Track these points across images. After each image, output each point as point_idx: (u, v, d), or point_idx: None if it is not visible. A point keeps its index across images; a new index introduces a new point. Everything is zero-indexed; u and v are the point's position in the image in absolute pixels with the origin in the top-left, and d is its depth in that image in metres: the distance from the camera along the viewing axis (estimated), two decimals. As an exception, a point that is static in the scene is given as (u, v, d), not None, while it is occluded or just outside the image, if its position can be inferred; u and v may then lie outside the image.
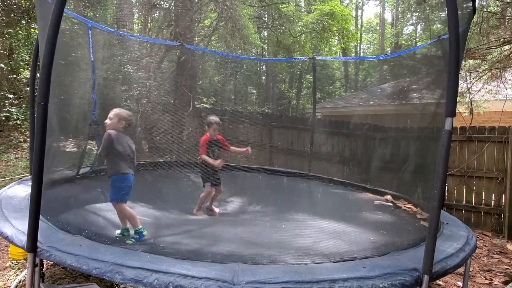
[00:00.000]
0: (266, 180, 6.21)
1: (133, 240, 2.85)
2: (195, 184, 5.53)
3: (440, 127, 2.01)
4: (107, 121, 3.10)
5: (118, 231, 3.08)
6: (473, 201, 6.42)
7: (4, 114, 10.10)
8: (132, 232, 3.01)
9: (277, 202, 4.57)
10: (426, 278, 2.03)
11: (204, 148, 4.33)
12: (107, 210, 3.45)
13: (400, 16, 28.42)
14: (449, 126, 1.95)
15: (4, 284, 3.44)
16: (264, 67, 17.31)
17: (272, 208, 4.13)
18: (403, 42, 26.84)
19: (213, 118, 4.45)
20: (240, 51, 12.31)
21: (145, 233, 2.94)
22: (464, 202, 6.50)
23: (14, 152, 9.43)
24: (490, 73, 7.04)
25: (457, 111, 6.69)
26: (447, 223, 3.20)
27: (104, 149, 2.99)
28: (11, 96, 10.51)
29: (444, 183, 1.99)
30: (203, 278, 1.89)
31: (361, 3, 32.16)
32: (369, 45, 35.28)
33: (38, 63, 3.83)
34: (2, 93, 10.32)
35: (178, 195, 4.53)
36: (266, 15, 14.12)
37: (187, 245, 2.60)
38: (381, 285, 1.95)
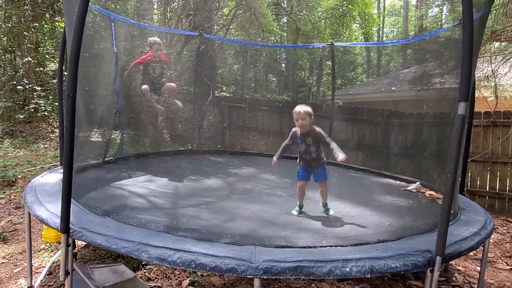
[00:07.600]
0: (284, 165, 6.26)
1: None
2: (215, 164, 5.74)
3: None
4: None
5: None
6: (497, 187, 6.31)
7: (33, 106, 10.54)
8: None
9: (294, 185, 4.64)
10: (438, 259, 2.07)
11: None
12: (132, 194, 3.65)
13: (424, -2, 27.44)
14: (462, 111, 1.96)
15: (40, 264, 3.71)
16: (283, 54, 17.19)
17: (288, 190, 4.19)
18: (428, 25, 25.94)
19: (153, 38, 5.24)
20: (259, 39, 12.28)
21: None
22: (487, 188, 6.40)
23: (43, 142, 9.86)
24: (517, 56, 6.80)
25: (481, 95, 6.51)
26: (464, 209, 3.19)
27: None
28: (39, 88, 10.93)
29: (456, 168, 2.00)
30: (223, 257, 2.00)
31: (384, -15, 31.22)
32: (392, 29, 34.31)
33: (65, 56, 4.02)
34: (30, 85, 10.76)
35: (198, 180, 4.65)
36: (285, 1, 13.97)
37: (207, 226, 2.72)
38: (393, 265, 2.01)
